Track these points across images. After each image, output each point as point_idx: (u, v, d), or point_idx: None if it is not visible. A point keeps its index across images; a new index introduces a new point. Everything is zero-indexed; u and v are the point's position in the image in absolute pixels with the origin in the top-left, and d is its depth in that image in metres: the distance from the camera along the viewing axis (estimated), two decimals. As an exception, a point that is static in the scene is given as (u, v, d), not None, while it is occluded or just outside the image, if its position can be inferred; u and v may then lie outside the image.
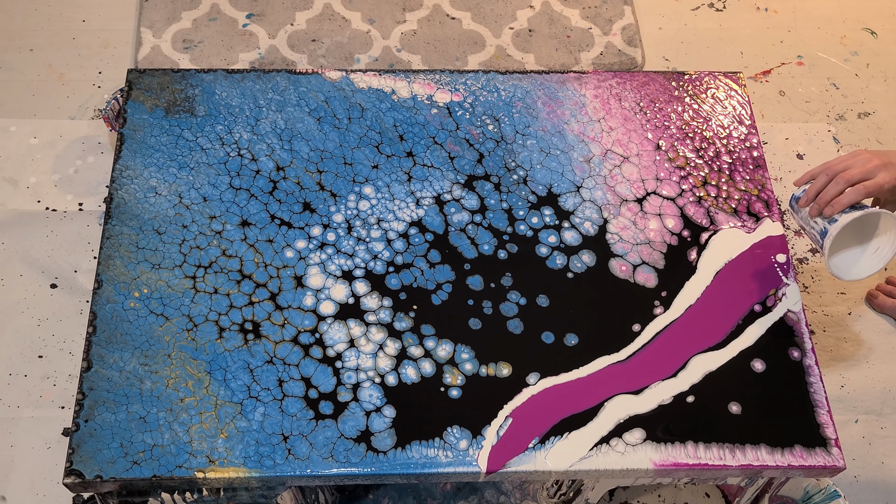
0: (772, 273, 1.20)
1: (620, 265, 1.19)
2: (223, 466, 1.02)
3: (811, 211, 1.10)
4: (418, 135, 1.28)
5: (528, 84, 1.34)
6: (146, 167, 1.22)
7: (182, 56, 1.72)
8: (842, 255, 1.11)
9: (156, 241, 1.16)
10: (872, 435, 1.42)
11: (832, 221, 1.07)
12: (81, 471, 1.01)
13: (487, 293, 1.16)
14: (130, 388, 1.06)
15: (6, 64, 1.70)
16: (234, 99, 1.28)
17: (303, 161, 1.24)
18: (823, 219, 1.08)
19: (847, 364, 1.49)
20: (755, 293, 1.19)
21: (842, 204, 1.06)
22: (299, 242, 1.17)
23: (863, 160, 1.08)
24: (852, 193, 1.06)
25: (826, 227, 1.08)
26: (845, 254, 1.11)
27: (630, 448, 1.07)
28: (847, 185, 1.07)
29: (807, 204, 1.11)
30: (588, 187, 1.25)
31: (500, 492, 1.26)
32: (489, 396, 1.09)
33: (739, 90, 1.36)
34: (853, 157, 1.09)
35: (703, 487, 1.36)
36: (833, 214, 1.07)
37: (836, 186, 1.07)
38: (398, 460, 1.04)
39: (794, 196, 1.14)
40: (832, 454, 1.08)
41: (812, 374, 1.14)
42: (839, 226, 1.05)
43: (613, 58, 1.80)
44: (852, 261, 1.11)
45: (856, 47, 1.88)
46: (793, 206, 1.15)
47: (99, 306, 1.11)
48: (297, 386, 1.07)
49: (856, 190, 1.06)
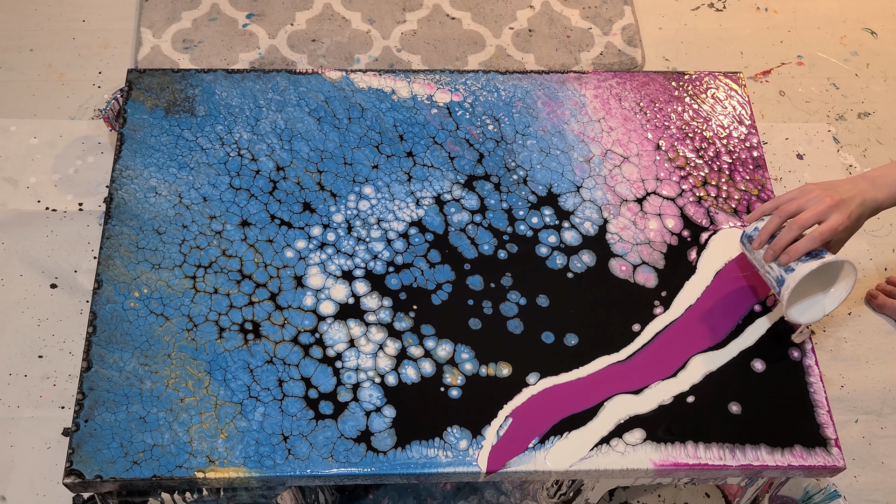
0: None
1: (620, 265, 1.20)
2: (223, 466, 1.02)
3: (766, 256, 1.06)
4: (418, 135, 1.28)
5: (528, 84, 1.34)
6: (146, 167, 1.22)
7: (182, 56, 1.72)
8: (796, 298, 1.08)
9: (156, 241, 1.16)
10: (872, 435, 1.42)
11: (788, 270, 1.04)
12: (81, 471, 1.01)
13: (487, 293, 1.16)
14: (130, 388, 1.06)
15: (6, 64, 1.70)
16: (234, 99, 1.28)
17: (303, 161, 1.24)
18: (779, 266, 1.05)
19: (847, 364, 1.49)
20: (755, 293, 1.19)
21: (798, 252, 1.02)
22: (299, 242, 1.17)
23: (815, 200, 1.04)
24: (808, 242, 1.02)
25: (782, 275, 1.04)
26: (798, 296, 1.08)
27: (630, 448, 1.07)
28: (801, 231, 1.03)
29: (760, 247, 1.07)
30: (588, 187, 1.25)
31: (500, 492, 1.26)
32: (489, 396, 1.09)
33: (739, 90, 1.36)
34: (804, 196, 1.05)
35: (703, 487, 1.36)
36: (789, 262, 1.03)
37: (791, 233, 1.03)
38: (398, 460, 1.04)
39: (745, 234, 1.10)
40: (832, 454, 1.08)
41: (812, 374, 1.14)
42: (797, 277, 1.02)
43: (613, 58, 1.80)
44: (805, 303, 1.08)
45: (856, 47, 1.88)
46: (745, 244, 1.11)
47: (99, 306, 1.11)
48: (297, 386, 1.07)
49: (812, 239, 1.02)
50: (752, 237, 1.09)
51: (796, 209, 1.05)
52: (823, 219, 1.03)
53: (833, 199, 1.03)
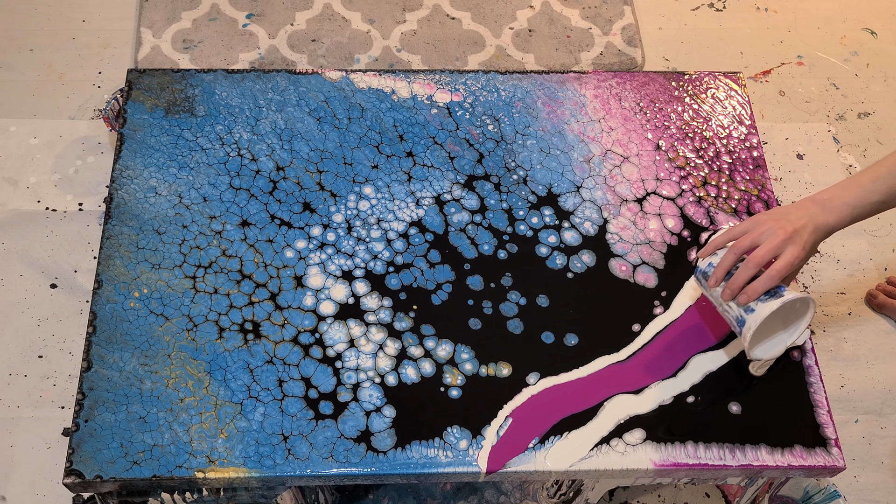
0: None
1: (620, 265, 1.20)
2: (223, 466, 1.02)
3: (723, 295, 1.03)
4: (418, 135, 1.28)
5: (528, 84, 1.34)
6: (146, 167, 1.22)
7: (182, 56, 1.72)
8: (757, 337, 1.07)
9: (156, 241, 1.16)
10: (872, 435, 1.42)
11: (748, 310, 1.01)
12: (81, 471, 1.01)
13: (487, 293, 1.16)
14: (130, 388, 1.06)
15: (6, 64, 1.70)
16: (234, 99, 1.28)
17: (303, 161, 1.24)
18: (738, 305, 1.02)
19: (847, 364, 1.49)
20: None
21: (757, 292, 1.00)
22: (299, 242, 1.17)
23: (768, 233, 1.01)
24: (766, 281, 0.99)
25: (742, 315, 1.01)
26: (759, 335, 1.07)
27: (630, 448, 1.07)
28: (758, 269, 1.00)
29: (716, 285, 1.04)
30: (588, 187, 1.25)
31: (500, 492, 1.26)
32: (489, 396, 1.09)
33: (739, 90, 1.36)
34: (757, 229, 1.02)
35: (703, 487, 1.36)
36: (748, 303, 1.01)
37: (748, 271, 1.00)
38: (398, 460, 1.04)
39: (699, 270, 1.07)
40: (832, 454, 1.08)
41: (812, 374, 1.14)
42: (758, 319, 0.99)
43: (613, 58, 1.80)
44: (765, 339, 1.06)
45: (856, 47, 1.88)
46: (700, 280, 1.07)
47: (99, 306, 1.11)
48: (297, 386, 1.07)
49: (770, 278, 0.99)
50: (707, 273, 1.05)
51: (750, 244, 1.02)
52: (779, 253, 1.00)
53: (786, 231, 1.00)
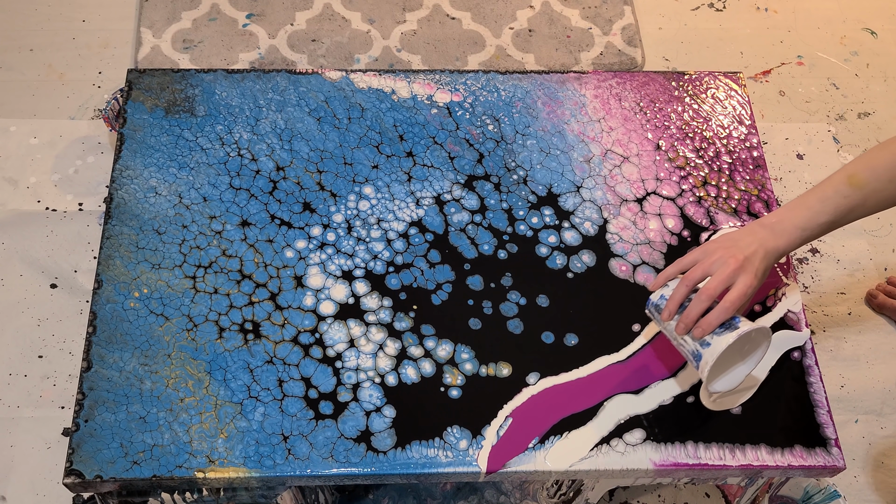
0: (772, 273, 1.20)
1: (620, 265, 1.20)
2: (223, 466, 1.02)
3: (677, 329, 1.00)
4: (418, 135, 1.28)
5: (528, 84, 1.34)
6: (146, 167, 1.22)
7: (182, 56, 1.72)
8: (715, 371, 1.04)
9: (156, 241, 1.16)
10: (872, 435, 1.42)
11: (704, 344, 0.98)
12: (81, 471, 1.01)
13: (487, 293, 1.16)
14: (130, 388, 1.06)
15: (6, 64, 1.70)
16: (234, 99, 1.28)
17: (303, 161, 1.24)
18: (693, 340, 0.99)
19: (847, 364, 1.49)
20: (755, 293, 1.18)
21: (711, 326, 0.97)
22: (299, 242, 1.17)
23: (719, 263, 0.99)
24: (721, 314, 0.97)
25: (698, 349, 0.99)
26: (716, 369, 1.04)
27: (630, 448, 1.07)
28: (711, 302, 0.98)
29: (670, 318, 1.01)
30: (588, 187, 1.25)
31: (500, 492, 1.26)
32: (489, 396, 1.09)
33: (739, 90, 1.36)
34: (708, 259, 1.00)
35: (703, 487, 1.36)
36: (703, 337, 0.98)
37: (701, 304, 0.98)
38: (398, 460, 1.04)
39: (651, 303, 1.04)
40: (832, 454, 1.08)
41: (812, 374, 1.14)
42: (715, 354, 0.97)
43: (613, 58, 1.80)
44: (723, 371, 1.04)
45: (856, 47, 1.88)
46: (652, 313, 1.04)
47: (99, 306, 1.11)
48: (297, 386, 1.07)
49: (724, 310, 0.97)
50: (660, 306, 1.03)
51: (702, 275, 1.00)
52: (731, 282, 0.98)
53: (737, 259, 0.99)
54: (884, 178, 1.02)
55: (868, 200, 1.02)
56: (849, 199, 1.02)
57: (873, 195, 1.02)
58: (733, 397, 1.10)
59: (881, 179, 1.02)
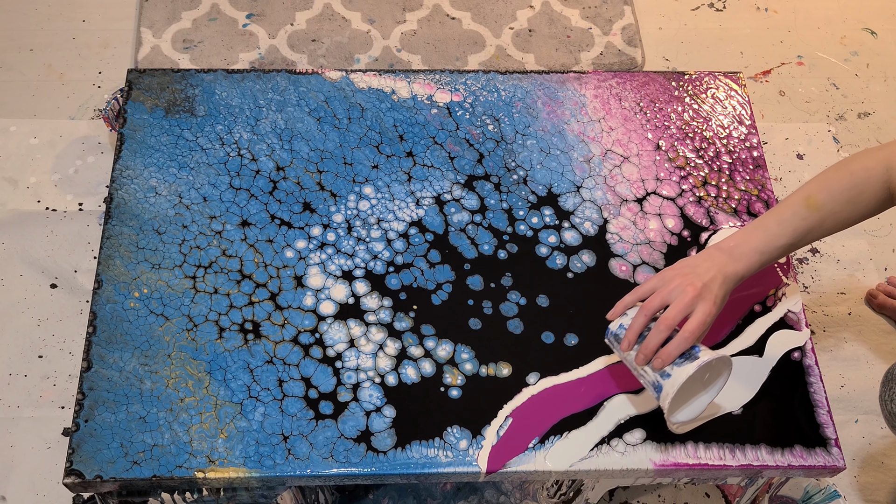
0: (772, 273, 1.20)
1: (620, 265, 1.19)
2: (223, 466, 1.02)
3: (637, 360, 0.99)
4: (418, 135, 1.28)
5: (528, 84, 1.34)
6: (146, 167, 1.22)
7: (182, 56, 1.72)
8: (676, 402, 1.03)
9: (156, 241, 1.16)
10: (872, 435, 1.42)
11: (664, 375, 0.97)
12: (81, 471, 1.01)
13: (487, 293, 1.16)
14: (130, 388, 1.06)
15: (6, 64, 1.70)
16: (234, 99, 1.28)
17: (303, 161, 1.24)
18: (654, 370, 0.98)
19: (847, 364, 1.49)
20: (755, 293, 1.19)
21: (671, 356, 0.96)
22: (299, 242, 1.17)
23: (677, 291, 0.98)
24: (680, 344, 0.96)
25: (658, 381, 0.97)
26: (678, 399, 1.02)
27: (630, 448, 1.07)
28: (669, 331, 0.97)
29: (629, 348, 1.00)
30: (588, 187, 1.25)
31: (500, 492, 1.26)
32: (489, 396, 1.09)
33: (739, 90, 1.36)
34: (666, 287, 0.99)
35: (703, 487, 1.36)
36: (663, 368, 0.97)
37: (660, 335, 0.97)
38: (398, 460, 1.04)
39: (611, 332, 1.03)
40: (832, 454, 1.08)
41: (812, 374, 1.14)
42: (675, 385, 0.95)
43: (613, 58, 1.80)
44: (685, 401, 1.03)
45: (856, 47, 1.88)
46: (612, 343, 1.03)
47: (99, 306, 1.11)
48: (297, 386, 1.07)
49: (683, 340, 0.96)
50: (619, 336, 1.02)
51: (660, 304, 0.99)
52: (690, 310, 0.97)
53: (695, 287, 0.97)
54: (840, 199, 1.02)
55: (826, 222, 1.02)
56: (806, 221, 1.01)
57: (831, 216, 1.02)
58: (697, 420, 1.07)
59: (838, 201, 1.02)
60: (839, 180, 1.02)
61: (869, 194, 1.02)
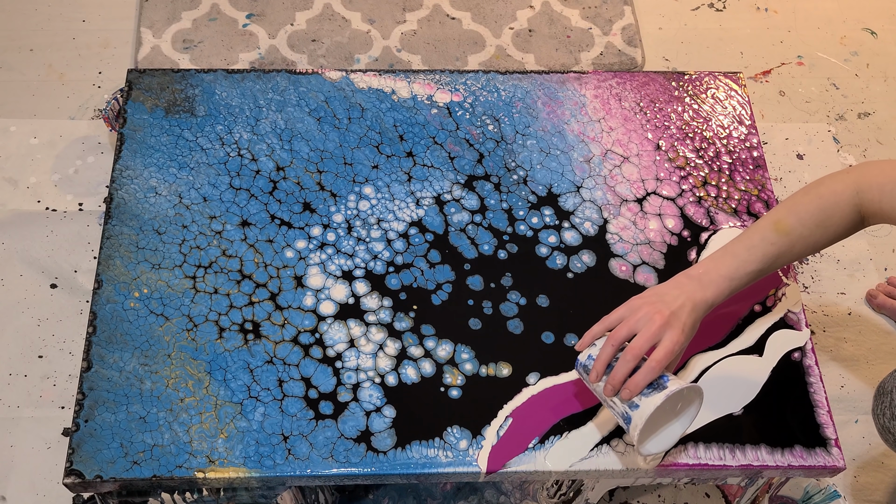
0: (772, 273, 1.20)
1: (620, 265, 1.20)
2: (223, 466, 1.02)
3: (605, 391, 0.98)
4: (418, 135, 1.28)
5: (528, 84, 1.34)
6: (146, 167, 1.22)
7: (182, 56, 1.72)
8: (646, 433, 1.00)
9: (156, 241, 1.16)
10: (872, 435, 1.42)
11: (633, 406, 0.96)
12: (81, 471, 1.01)
13: (487, 293, 1.16)
14: (130, 388, 1.06)
15: (6, 64, 1.70)
16: (234, 99, 1.28)
17: (303, 161, 1.24)
18: (622, 401, 0.97)
19: (847, 364, 1.49)
20: (755, 293, 1.19)
21: (638, 387, 0.95)
22: (299, 242, 1.17)
23: (644, 320, 0.96)
24: (647, 374, 0.95)
25: (627, 412, 0.96)
26: (647, 430, 1.00)
27: (630, 448, 1.06)
28: (637, 360, 0.96)
29: (598, 379, 0.99)
30: (588, 187, 1.25)
31: (500, 492, 1.26)
32: (489, 396, 1.09)
33: (739, 90, 1.36)
34: (633, 316, 0.97)
35: (703, 487, 1.36)
36: (631, 398, 0.96)
37: (627, 365, 0.96)
38: (398, 460, 1.04)
39: (579, 363, 1.02)
40: (832, 454, 1.08)
41: (812, 374, 1.14)
42: (644, 416, 0.94)
43: (613, 58, 1.80)
44: (654, 431, 1.00)
45: (856, 47, 1.88)
46: (581, 373, 1.03)
47: (99, 306, 1.11)
48: (297, 386, 1.07)
49: (650, 370, 0.95)
50: (588, 366, 1.01)
51: (627, 333, 0.97)
52: (657, 339, 0.96)
53: (663, 315, 0.96)
54: (810, 223, 1.00)
55: (795, 246, 1.01)
56: (776, 246, 1.00)
57: (800, 241, 1.01)
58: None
59: (807, 225, 1.00)
60: (808, 204, 1.01)
61: (838, 218, 1.01)
